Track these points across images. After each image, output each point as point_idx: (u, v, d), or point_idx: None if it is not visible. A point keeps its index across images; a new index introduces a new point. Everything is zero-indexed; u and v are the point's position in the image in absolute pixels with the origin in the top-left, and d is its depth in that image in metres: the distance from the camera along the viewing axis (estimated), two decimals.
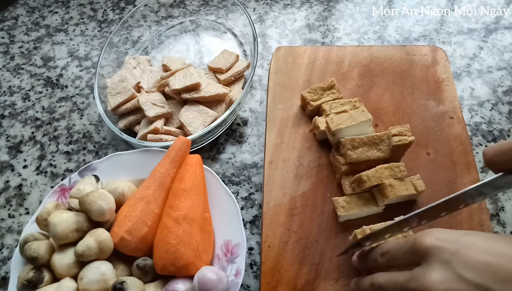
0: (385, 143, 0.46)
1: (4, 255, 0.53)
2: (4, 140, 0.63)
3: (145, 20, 0.74)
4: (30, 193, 0.58)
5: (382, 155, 0.46)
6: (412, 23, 0.71)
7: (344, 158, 0.47)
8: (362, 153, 0.46)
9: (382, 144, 0.46)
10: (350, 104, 0.51)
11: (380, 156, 0.46)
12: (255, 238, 0.52)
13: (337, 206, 0.45)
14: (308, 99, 0.53)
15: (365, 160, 0.46)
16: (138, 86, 0.63)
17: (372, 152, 0.46)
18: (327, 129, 0.49)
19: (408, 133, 0.46)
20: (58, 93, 0.68)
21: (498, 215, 0.51)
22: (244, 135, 0.60)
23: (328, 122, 0.48)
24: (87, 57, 0.72)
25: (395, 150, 0.46)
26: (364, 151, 0.46)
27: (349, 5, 0.75)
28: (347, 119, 0.47)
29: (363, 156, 0.45)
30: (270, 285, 0.44)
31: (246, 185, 0.56)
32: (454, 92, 0.56)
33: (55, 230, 0.42)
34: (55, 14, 0.80)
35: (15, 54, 0.74)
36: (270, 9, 0.76)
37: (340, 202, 0.45)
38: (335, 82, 0.53)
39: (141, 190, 0.46)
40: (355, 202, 0.45)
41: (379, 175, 0.44)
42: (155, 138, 0.56)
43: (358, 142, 0.46)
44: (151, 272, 0.43)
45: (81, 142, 0.62)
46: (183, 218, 0.43)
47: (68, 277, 0.42)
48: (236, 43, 0.70)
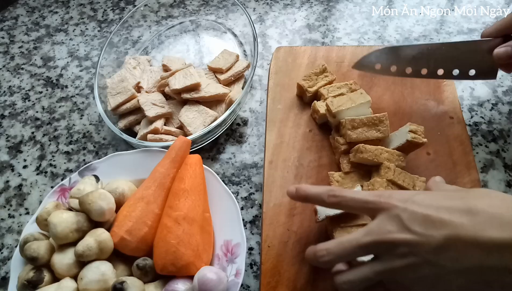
0: (384, 124, 0.47)
1: (4, 255, 0.53)
2: (4, 140, 0.63)
3: (145, 20, 0.74)
4: (30, 193, 0.58)
5: (381, 135, 0.47)
6: (412, 23, 0.71)
7: (344, 138, 0.49)
8: (362, 133, 0.47)
9: (381, 125, 0.47)
10: (346, 87, 0.54)
11: (379, 136, 0.47)
12: (255, 238, 0.52)
13: (332, 179, 0.47)
14: (305, 87, 0.54)
15: (364, 140, 0.47)
16: (138, 86, 0.63)
17: (371, 132, 0.47)
18: (328, 112, 0.50)
19: (423, 135, 0.47)
20: (58, 93, 0.68)
21: None
22: (244, 135, 0.60)
23: (329, 105, 0.49)
24: (87, 57, 0.72)
25: (405, 146, 0.47)
26: (363, 131, 0.47)
27: (349, 5, 0.75)
28: (347, 101, 0.49)
29: (362, 136, 0.47)
30: (270, 285, 0.44)
31: (246, 185, 0.56)
32: (454, 92, 0.56)
33: (55, 230, 0.42)
34: (55, 14, 0.80)
35: (15, 54, 0.74)
36: (270, 9, 0.76)
37: (336, 177, 0.47)
38: (326, 66, 0.56)
39: (141, 190, 0.46)
40: (350, 177, 0.48)
41: (377, 153, 0.45)
42: (155, 138, 0.56)
43: (358, 123, 0.47)
44: (151, 272, 0.43)
45: (81, 142, 0.62)
46: (183, 218, 0.43)
47: (68, 277, 0.42)
48: (236, 43, 0.70)
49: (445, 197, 0.34)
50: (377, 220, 0.35)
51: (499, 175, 0.54)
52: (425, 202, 0.34)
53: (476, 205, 0.31)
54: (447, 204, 0.33)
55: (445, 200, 0.34)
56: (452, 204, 0.33)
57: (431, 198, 0.34)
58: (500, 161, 0.55)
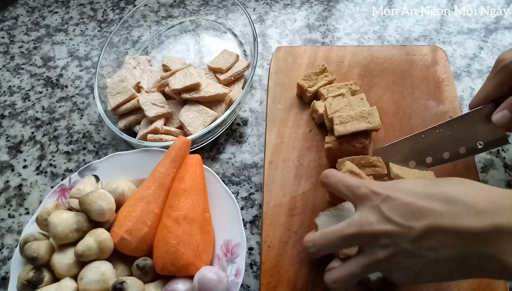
0: (374, 116, 0.46)
1: (4, 255, 0.53)
2: (4, 140, 0.63)
3: (145, 20, 0.74)
4: (30, 193, 0.58)
5: (372, 125, 0.46)
6: (412, 23, 0.71)
7: (333, 134, 0.48)
8: (352, 126, 0.46)
9: (370, 117, 0.46)
10: (346, 87, 0.53)
11: (369, 127, 0.46)
12: (255, 238, 0.52)
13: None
14: (305, 87, 0.54)
15: (353, 132, 0.46)
16: (138, 86, 0.63)
17: (361, 124, 0.46)
18: (325, 115, 0.50)
19: None
20: (58, 93, 0.68)
21: None
22: (244, 135, 0.60)
23: (326, 107, 0.49)
24: (87, 57, 0.72)
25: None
26: (352, 124, 0.46)
27: (349, 5, 0.75)
28: (345, 106, 0.48)
29: (352, 128, 0.46)
30: (270, 285, 0.44)
31: (246, 185, 0.56)
32: (454, 92, 0.56)
33: (55, 230, 0.42)
34: (55, 14, 0.80)
35: (15, 54, 0.74)
36: (270, 9, 0.76)
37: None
38: (326, 66, 0.55)
39: (141, 190, 0.46)
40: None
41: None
42: (155, 138, 0.56)
43: (346, 117, 0.46)
44: (151, 272, 0.43)
45: (81, 143, 0.62)
46: (183, 218, 0.43)
47: (68, 277, 0.42)
48: (236, 43, 0.70)
49: (424, 185, 0.34)
50: (359, 210, 0.36)
51: (499, 175, 0.54)
52: (405, 191, 0.34)
53: (453, 194, 0.32)
54: (427, 192, 0.33)
55: (425, 188, 0.34)
56: (432, 192, 0.33)
57: (411, 186, 0.34)
58: (500, 161, 0.55)
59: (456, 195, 0.32)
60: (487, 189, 0.32)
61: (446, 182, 0.34)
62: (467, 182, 0.34)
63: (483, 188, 0.33)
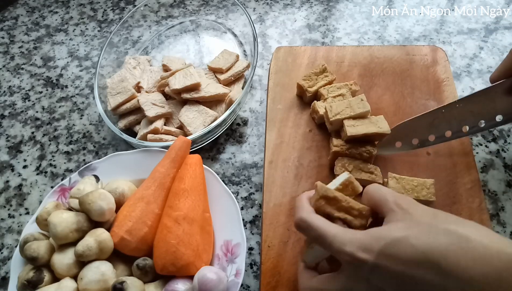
0: (384, 122, 0.46)
1: (4, 255, 0.53)
2: (4, 140, 0.63)
3: (145, 20, 0.74)
4: (30, 193, 0.58)
5: (381, 130, 0.46)
6: (412, 23, 0.71)
7: (342, 137, 0.48)
8: (362, 129, 0.46)
9: (379, 123, 0.46)
10: (346, 87, 0.53)
11: (379, 131, 0.46)
12: (255, 238, 0.52)
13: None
14: (305, 87, 0.54)
15: (363, 134, 0.46)
16: (138, 86, 0.63)
17: (371, 128, 0.46)
18: (325, 117, 0.50)
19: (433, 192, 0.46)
20: (58, 93, 0.68)
21: (498, 215, 0.51)
22: (244, 135, 0.60)
23: (327, 110, 0.48)
24: (87, 57, 0.72)
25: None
26: (362, 128, 0.46)
27: (349, 5, 0.75)
28: (346, 108, 0.48)
29: (363, 130, 0.46)
30: (270, 285, 0.44)
31: (246, 185, 0.56)
32: (454, 92, 0.56)
33: (55, 230, 0.42)
34: (55, 14, 0.80)
35: (15, 54, 0.74)
36: (270, 9, 0.76)
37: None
38: (326, 66, 0.55)
39: (141, 190, 0.46)
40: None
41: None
42: (155, 138, 0.56)
43: (357, 121, 0.47)
44: (151, 272, 0.43)
45: (81, 143, 0.62)
46: (183, 218, 0.43)
47: (68, 277, 0.42)
48: (236, 43, 0.70)
49: (412, 254, 0.29)
50: (344, 274, 0.33)
51: (499, 175, 0.54)
52: (394, 257, 0.30)
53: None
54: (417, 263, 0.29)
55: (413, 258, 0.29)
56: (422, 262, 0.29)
57: (399, 250, 0.30)
58: (500, 161, 0.55)
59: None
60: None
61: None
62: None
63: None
